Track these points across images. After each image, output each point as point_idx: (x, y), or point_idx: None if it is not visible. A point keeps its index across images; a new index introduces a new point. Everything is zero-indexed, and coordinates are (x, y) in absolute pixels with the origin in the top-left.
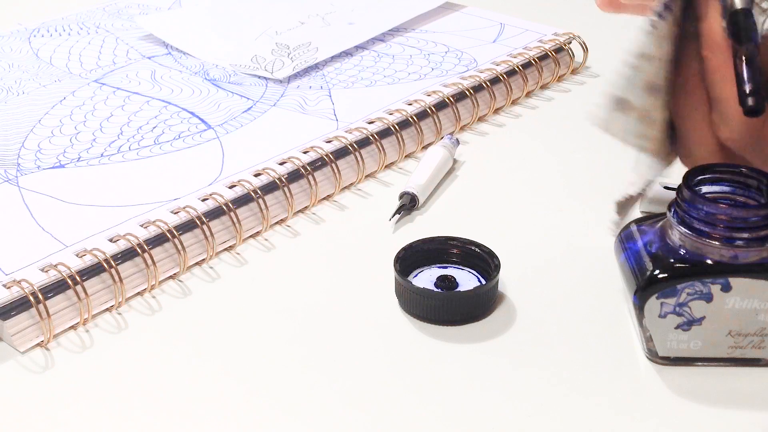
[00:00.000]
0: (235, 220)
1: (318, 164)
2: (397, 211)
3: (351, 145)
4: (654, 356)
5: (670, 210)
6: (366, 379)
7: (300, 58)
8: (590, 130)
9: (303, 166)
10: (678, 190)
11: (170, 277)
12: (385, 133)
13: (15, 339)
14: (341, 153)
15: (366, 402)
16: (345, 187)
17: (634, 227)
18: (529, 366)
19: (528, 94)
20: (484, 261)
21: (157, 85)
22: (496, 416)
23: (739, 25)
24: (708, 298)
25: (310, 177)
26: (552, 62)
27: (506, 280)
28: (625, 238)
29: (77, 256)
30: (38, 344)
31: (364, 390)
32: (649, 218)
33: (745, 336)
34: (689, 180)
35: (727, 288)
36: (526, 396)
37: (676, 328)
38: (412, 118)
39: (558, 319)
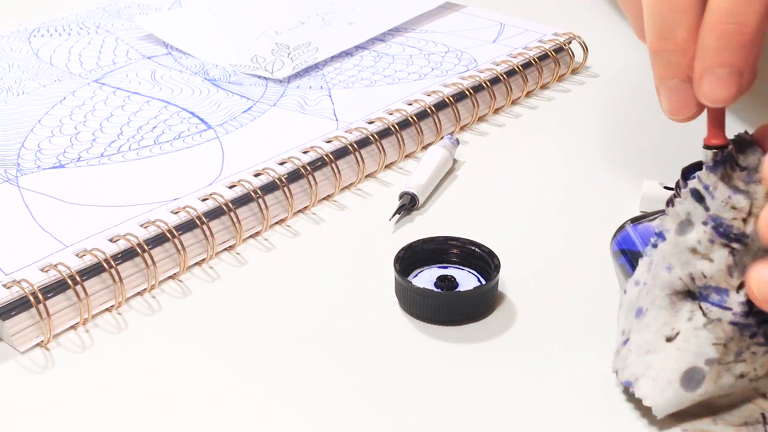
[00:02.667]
0: (235, 220)
1: (318, 164)
2: (397, 211)
3: (351, 145)
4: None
5: (668, 206)
6: (366, 379)
7: (300, 58)
8: (590, 130)
9: (303, 166)
10: (676, 185)
11: (170, 277)
12: (385, 133)
13: (15, 339)
14: (341, 153)
15: (365, 402)
16: (345, 187)
17: (629, 228)
18: (529, 366)
19: (528, 94)
20: (484, 261)
21: (157, 85)
22: (496, 416)
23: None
24: None
25: (310, 177)
26: (552, 62)
27: (506, 280)
28: (621, 241)
29: (77, 256)
30: (38, 344)
31: (363, 390)
32: (643, 217)
33: None
34: (686, 175)
35: None
36: (526, 396)
37: None
38: (412, 118)
39: (558, 319)
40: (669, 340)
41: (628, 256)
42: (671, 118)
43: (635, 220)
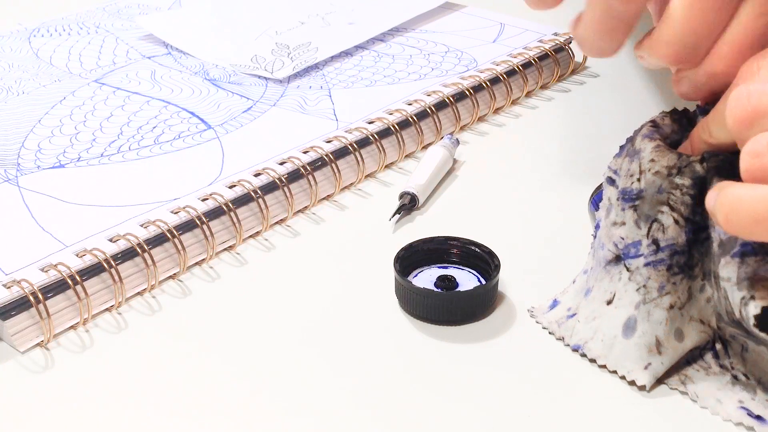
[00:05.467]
0: (235, 220)
1: (318, 164)
2: (397, 211)
3: (351, 145)
4: None
5: None
6: (366, 379)
7: (300, 58)
8: (590, 130)
9: (303, 166)
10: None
11: (170, 277)
12: (385, 133)
13: (15, 339)
14: (341, 153)
15: (365, 402)
16: (345, 187)
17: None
18: (530, 366)
19: (528, 94)
20: (484, 261)
21: (157, 85)
22: (496, 416)
23: None
24: None
25: (310, 177)
26: (552, 62)
27: (506, 280)
28: (598, 200)
29: (77, 256)
30: (38, 344)
31: (363, 390)
32: None
33: None
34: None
35: None
36: (526, 396)
37: None
38: (412, 118)
39: None
40: (609, 303)
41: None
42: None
43: None
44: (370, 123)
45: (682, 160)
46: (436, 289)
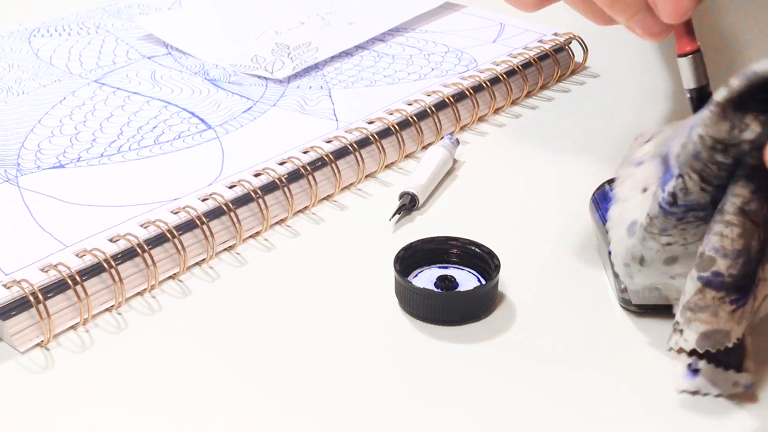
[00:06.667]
0: (235, 220)
1: (318, 164)
2: (397, 211)
3: (351, 145)
4: (628, 304)
5: None
6: (366, 379)
7: (300, 58)
8: (590, 130)
9: (303, 166)
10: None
11: (170, 277)
12: (385, 133)
13: (15, 339)
14: (341, 153)
15: (365, 402)
16: (345, 187)
17: (607, 188)
18: (530, 366)
19: (528, 94)
20: (484, 261)
21: (157, 85)
22: (497, 416)
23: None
24: None
25: (310, 177)
26: (552, 62)
27: (506, 280)
28: (599, 199)
29: (77, 256)
30: (38, 344)
31: (363, 390)
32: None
33: None
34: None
35: None
36: (527, 396)
37: None
38: (412, 118)
39: (558, 318)
40: (644, 191)
41: (602, 211)
42: (650, 40)
43: (612, 182)
44: (370, 123)
45: (733, 136)
46: (436, 289)
